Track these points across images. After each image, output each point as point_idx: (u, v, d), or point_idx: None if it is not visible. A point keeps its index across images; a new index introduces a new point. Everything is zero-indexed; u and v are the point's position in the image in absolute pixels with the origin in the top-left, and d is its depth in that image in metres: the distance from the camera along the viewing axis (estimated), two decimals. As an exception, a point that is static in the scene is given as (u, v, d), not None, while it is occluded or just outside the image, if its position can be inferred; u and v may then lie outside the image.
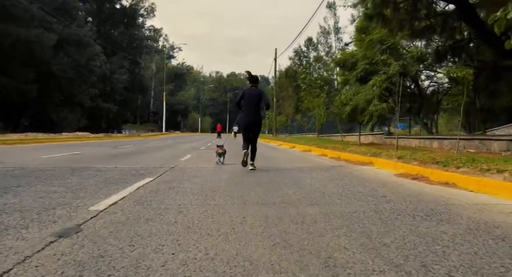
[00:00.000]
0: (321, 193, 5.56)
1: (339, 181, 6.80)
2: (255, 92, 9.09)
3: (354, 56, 19.33)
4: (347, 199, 5.02)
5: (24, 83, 34.36)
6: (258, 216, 4.03)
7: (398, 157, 8.93)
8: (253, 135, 9.14)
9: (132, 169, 8.43)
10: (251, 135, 9.10)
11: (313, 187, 6.12)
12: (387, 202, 4.84)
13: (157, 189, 5.71)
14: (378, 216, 4.05)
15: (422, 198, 5.21)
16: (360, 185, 6.36)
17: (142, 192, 5.48)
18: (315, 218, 3.94)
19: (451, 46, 14.21)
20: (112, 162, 10.33)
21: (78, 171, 7.85)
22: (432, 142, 17.07)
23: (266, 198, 5.13)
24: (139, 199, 4.92)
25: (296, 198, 5.11)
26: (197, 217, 3.96)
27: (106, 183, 6.19)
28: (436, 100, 19.98)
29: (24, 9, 34.57)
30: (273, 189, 5.90)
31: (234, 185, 6.30)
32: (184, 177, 7.26)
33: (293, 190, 5.80)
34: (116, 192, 5.35)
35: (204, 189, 5.78)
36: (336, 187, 6.07)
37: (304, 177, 7.46)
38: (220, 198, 5.06)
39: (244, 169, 8.74)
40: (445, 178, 6.44)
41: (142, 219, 3.85)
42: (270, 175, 7.73)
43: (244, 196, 5.26)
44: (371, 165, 9.64)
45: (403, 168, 7.95)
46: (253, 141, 9.14)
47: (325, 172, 8.33)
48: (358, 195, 5.36)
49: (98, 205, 4.46)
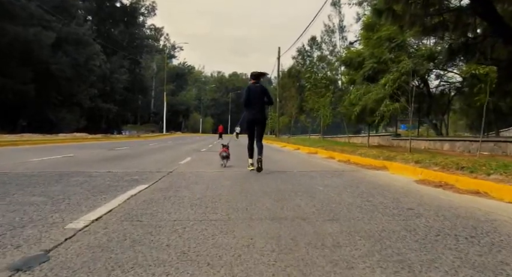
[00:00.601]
0: (337, 204, 4.86)
1: (354, 189, 6.10)
2: (259, 89, 9.03)
3: (361, 55, 18.60)
4: (369, 213, 4.33)
5: (22, 83, 33.69)
6: (268, 236, 3.35)
7: (416, 162, 8.21)
8: (258, 132, 9.03)
9: (126, 174, 7.74)
10: (256, 132, 9.00)
11: (327, 196, 5.42)
12: (417, 217, 4.14)
13: (151, 199, 5.03)
14: (412, 237, 3.36)
15: (456, 211, 4.51)
16: (379, 194, 5.66)
17: (134, 203, 4.79)
18: (337, 240, 3.26)
19: (464, 43, 13.52)
20: (106, 165, 9.63)
21: (66, 176, 7.16)
22: (443, 144, 16.36)
23: (275, 210, 4.45)
24: (129, 212, 4.23)
25: (310, 211, 4.41)
26: (195, 238, 3.28)
27: (94, 192, 5.50)
28: (447, 100, 19.28)
29: (22, 7, 33.92)
30: (282, 198, 5.22)
31: (238, 194, 5.61)
32: (183, 183, 6.57)
33: (305, 200, 5.11)
34: (102, 204, 4.67)
35: (204, 199, 5.09)
36: (353, 197, 5.38)
37: (315, 183, 6.76)
38: (222, 211, 4.37)
39: (247, 175, 8.07)
40: (475, 186, 5.74)
41: (128, 240, 3.17)
42: (276, 181, 7.03)
43: (250, 208, 4.57)
44: (385, 170, 8.93)
45: (422, 174, 7.25)
46: (259, 138, 9.01)
47: (337, 178, 7.63)
48: (381, 208, 4.67)
49: (77, 221, 3.77)
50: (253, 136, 9.02)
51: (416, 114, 12.80)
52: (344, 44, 60.55)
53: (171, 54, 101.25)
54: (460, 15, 13.15)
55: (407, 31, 14.54)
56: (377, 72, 16.49)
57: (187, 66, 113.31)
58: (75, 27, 42.81)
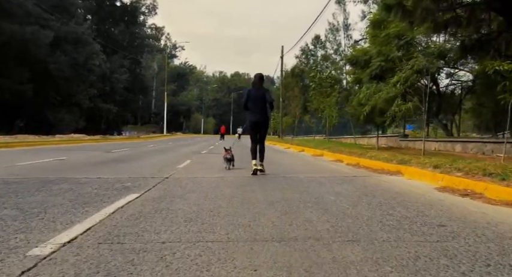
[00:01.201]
0: (354, 219, 4.20)
1: (371, 199, 5.43)
2: (260, 93, 8.98)
3: (367, 53, 17.92)
4: (394, 232, 3.66)
5: (19, 83, 33.03)
6: (276, 266, 2.69)
7: (435, 166, 7.51)
8: (260, 135, 9.07)
9: (118, 180, 7.08)
10: (258, 135, 9.05)
11: (340, 208, 4.76)
12: (453, 238, 3.47)
13: (140, 213, 4.37)
14: (456, 268, 2.69)
15: (497, 229, 3.84)
16: (399, 205, 4.98)
17: (119, 218, 4.14)
18: (363, 272, 2.61)
19: (477, 40, 12.83)
20: (97, 170, 8.97)
21: (50, 184, 6.49)
22: (454, 145, 15.66)
23: (283, 227, 3.79)
24: (110, 231, 3.58)
25: (324, 229, 3.75)
26: (186, 268, 2.64)
27: (76, 203, 4.85)
28: (457, 99, 18.56)
29: (19, 6, 33.25)
30: (290, 211, 4.55)
31: (239, 205, 4.95)
32: (178, 192, 5.90)
33: (316, 213, 4.45)
34: (82, 219, 4.02)
35: (200, 213, 4.43)
36: (370, 209, 4.71)
37: (325, 192, 6.08)
38: (221, 229, 3.72)
39: (250, 180, 7.42)
40: (508, 196, 5.06)
41: (101, 274, 2.50)
42: (282, 189, 6.36)
43: (254, 224, 3.91)
44: (399, 175, 8.23)
45: (443, 181, 6.56)
46: (261, 140, 9.09)
47: (349, 184, 6.94)
48: (406, 224, 4.00)
49: (44, 245, 3.12)
50: (256, 138, 9.03)
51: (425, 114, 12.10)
52: (349, 42, 59.60)
53: (172, 54, 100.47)
54: (473, 10, 12.45)
55: (417, 28, 13.84)
56: (385, 71, 15.81)
57: (189, 66, 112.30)
58: (74, 26, 42.08)
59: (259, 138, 9.03)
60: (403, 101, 12.36)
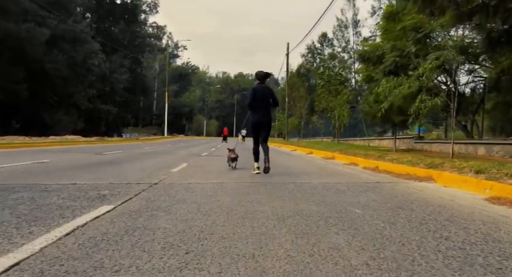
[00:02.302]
0: (400, 245, 3.00)
1: (409, 214, 4.21)
2: (265, 90, 8.80)
3: (380, 48, 16.68)
4: (468, 270, 2.45)
5: (14, 82, 31.86)
6: None
7: (477, 171, 6.26)
8: (263, 135, 8.83)
9: (95, 187, 5.87)
10: (261, 136, 8.82)
11: (374, 228, 3.55)
12: None
13: (104, 235, 3.19)
14: None
15: None
16: (452, 224, 3.77)
17: (70, 244, 2.94)
18: None
19: (506, 31, 11.58)
20: (76, 175, 7.73)
21: (8, 192, 5.29)
22: (477, 147, 14.36)
23: (302, 259, 2.62)
24: (48, 268, 2.38)
25: (361, 263, 2.57)
26: None
27: (24, 221, 3.66)
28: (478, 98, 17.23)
29: (14, 2, 32.13)
30: (307, 232, 3.37)
31: (240, 221, 3.76)
32: (164, 203, 4.70)
33: (344, 236, 3.25)
34: (19, 244, 2.87)
35: (186, 234, 3.26)
36: (415, 230, 3.50)
37: (347, 202, 4.86)
38: (212, 263, 2.54)
39: (253, 186, 6.22)
40: None
41: None
42: (294, 198, 5.15)
43: (259, 254, 2.74)
44: (431, 181, 6.96)
45: (492, 189, 5.33)
46: (264, 140, 8.83)
47: (374, 193, 5.70)
48: (476, 254, 2.81)
49: None
50: (259, 139, 8.87)
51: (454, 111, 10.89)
52: (358, 39, 58.06)
53: (174, 54, 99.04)
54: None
55: (438, 18, 12.57)
56: (399, 67, 14.57)
57: (191, 66, 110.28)
58: (72, 24, 40.79)
59: (262, 139, 8.80)
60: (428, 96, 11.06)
